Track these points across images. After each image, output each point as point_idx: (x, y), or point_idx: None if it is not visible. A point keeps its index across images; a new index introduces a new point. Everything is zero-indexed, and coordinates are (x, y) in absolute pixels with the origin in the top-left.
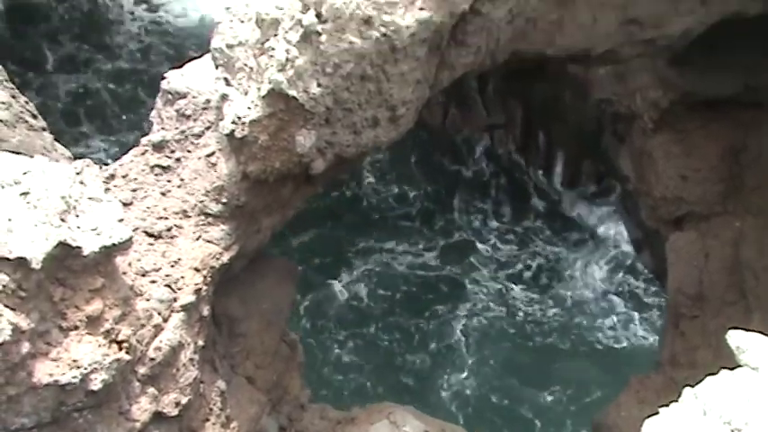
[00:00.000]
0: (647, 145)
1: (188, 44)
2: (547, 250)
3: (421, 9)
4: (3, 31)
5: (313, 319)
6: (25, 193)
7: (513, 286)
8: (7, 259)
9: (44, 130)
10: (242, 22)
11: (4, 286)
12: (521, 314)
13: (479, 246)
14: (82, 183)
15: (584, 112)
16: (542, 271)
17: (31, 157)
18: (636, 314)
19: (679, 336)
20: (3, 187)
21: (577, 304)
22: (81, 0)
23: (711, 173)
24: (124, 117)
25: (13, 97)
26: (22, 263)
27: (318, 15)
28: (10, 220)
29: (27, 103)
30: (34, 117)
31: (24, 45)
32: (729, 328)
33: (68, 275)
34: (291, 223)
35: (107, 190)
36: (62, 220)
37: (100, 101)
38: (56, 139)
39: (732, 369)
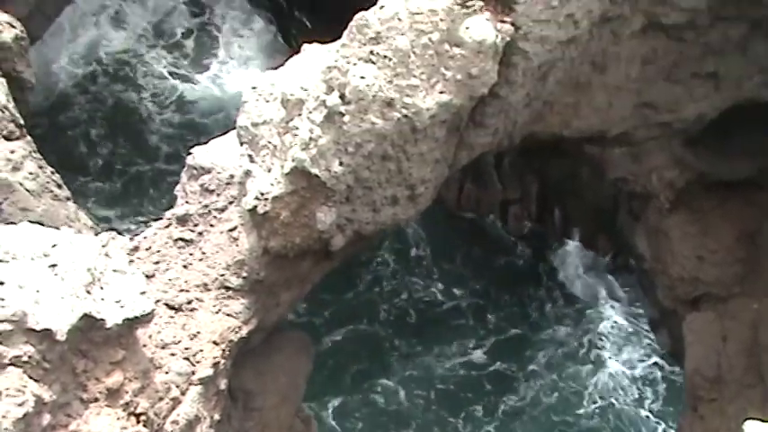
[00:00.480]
0: (662, 224)
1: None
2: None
3: (441, 92)
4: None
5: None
6: (53, 266)
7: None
8: (34, 330)
9: (68, 199)
10: (267, 101)
11: (29, 357)
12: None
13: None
14: (107, 255)
15: (600, 190)
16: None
17: (57, 228)
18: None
19: (698, 419)
20: (33, 259)
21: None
22: (104, 93)
23: (728, 254)
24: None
25: (40, 168)
26: (47, 334)
27: (342, 97)
28: (38, 291)
29: (53, 173)
30: (59, 187)
31: (59, 145)
32: (746, 419)
33: (91, 347)
34: (325, 319)
35: (131, 262)
36: (87, 291)
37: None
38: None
39: None
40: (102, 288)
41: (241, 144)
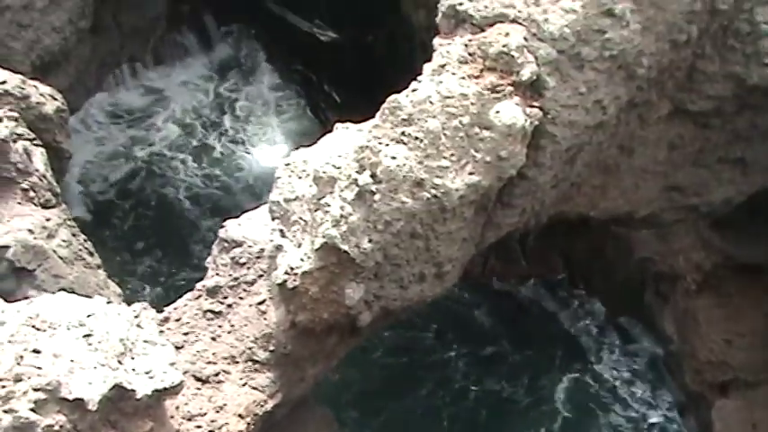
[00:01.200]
0: (690, 306)
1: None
2: None
3: (471, 174)
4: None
5: None
6: (88, 335)
7: None
8: (66, 400)
9: (99, 267)
10: (300, 177)
11: (61, 427)
12: None
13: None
14: (139, 326)
15: (626, 269)
16: None
17: (89, 295)
18: None
19: None
20: (68, 329)
21: None
22: (147, 195)
23: (756, 338)
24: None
25: (74, 235)
26: (79, 404)
27: (373, 176)
28: (72, 361)
29: (86, 240)
30: (90, 255)
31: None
32: None
33: (120, 418)
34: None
35: (161, 332)
36: (119, 362)
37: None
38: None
39: None
40: (133, 358)
41: (273, 219)
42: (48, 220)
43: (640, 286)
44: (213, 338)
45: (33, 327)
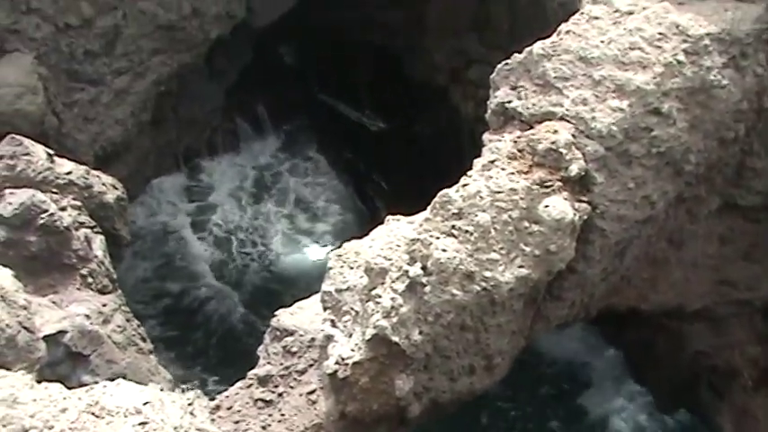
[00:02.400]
0: (748, 404)
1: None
2: None
3: (520, 267)
4: None
5: None
6: (143, 423)
7: None
8: None
9: (150, 353)
10: (351, 268)
11: None
12: None
13: None
14: (192, 414)
15: (678, 363)
16: None
17: (141, 381)
18: None
19: None
20: (125, 416)
21: None
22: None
23: None
24: None
25: (128, 321)
26: None
27: (424, 268)
28: None
29: (139, 326)
30: (143, 340)
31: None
32: None
33: None
34: None
35: (213, 420)
36: None
37: None
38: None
39: None
40: None
41: (324, 309)
42: (104, 305)
43: (694, 381)
44: (263, 427)
45: (93, 414)
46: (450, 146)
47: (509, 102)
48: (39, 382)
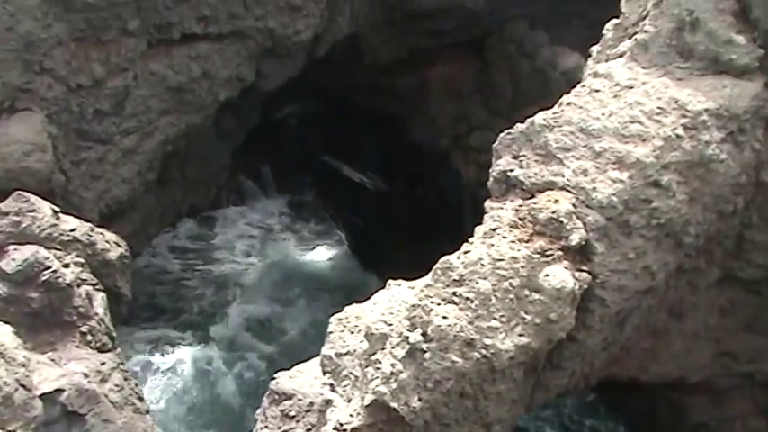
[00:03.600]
0: None
1: None
2: None
3: (520, 335)
4: None
5: None
6: None
7: None
8: None
9: (147, 412)
10: (351, 332)
11: None
12: None
13: None
14: None
15: None
16: None
17: None
18: None
19: None
20: None
21: None
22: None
23: None
24: None
25: (126, 380)
26: None
27: (424, 334)
28: None
29: (136, 385)
30: (140, 400)
31: None
32: None
33: None
34: None
35: None
36: None
37: None
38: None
39: None
40: None
41: (324, 372)
42: (102, 363)
43: None
44: None
45: None
46: (450, 209)
47: (511, 170)
48: None
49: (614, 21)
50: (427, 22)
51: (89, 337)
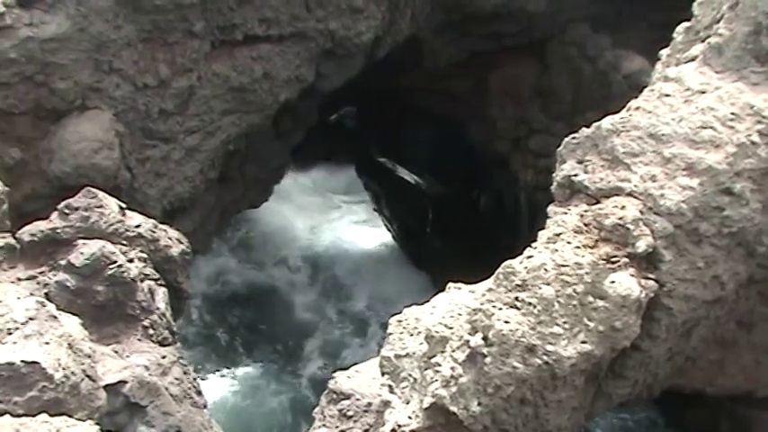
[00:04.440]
0: None
1: None
2: None
3: (583, 342)
4: None
5: None
6: None
7: None
8: None
9: (204, 407)
10: (411, 335)
11: None
12: None
13: None
14: None
15: None
16: None
17: None
18: None
19: None
20: None
21: None
22: None
23: None
24: None
25: (185, 374)
26: None
27: (485, 338)
28: None
29: (195, 380)
30: (198, 394)
31: None
32: None
33: None
34: None
35: None
36: None
37: None
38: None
39: None
40: None
41: (382, 374)
42: (163, 357)
43: None
44: None
45: None
46: (506, 213)
47: (575, 175)
48: None
49: (685, 24)
50: (488, 25)
51: (151, 331)
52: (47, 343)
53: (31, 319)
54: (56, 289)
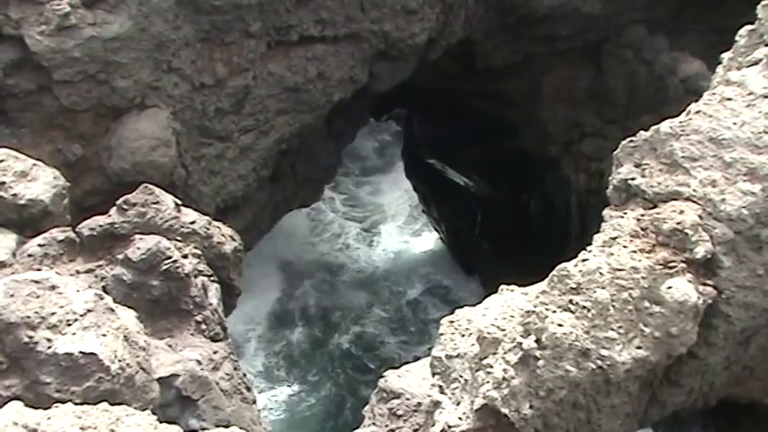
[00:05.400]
0: None
1: None
2: None
3: (638, 348)
4: None
5: None
6: None
7: None
8: None
9: (254, 402)
10: (462, 336)
11: None
12: None
13: None
14: None
15: None
16: None
17: (245, 430)
18: None
19: None
20: None
21: None
22: None
23: None
24: None
25: (235, 369)
26: None
27: (538, 341)
28: None
29: (244, 375)
30: (248, 389)
31: None
32: None
33: None
34: None
35: None
36: None
37: None
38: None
39: None
40: None
41: (433, 374)
42: (215, 352)
43: None
44: None
45: None
46: (557, 216)
47: (632, 179)
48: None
49: (748, 27)
50: (542, 27)
51: (203, 326)
52: (104, 335)
53: (89, 311)
54: (113, 282)
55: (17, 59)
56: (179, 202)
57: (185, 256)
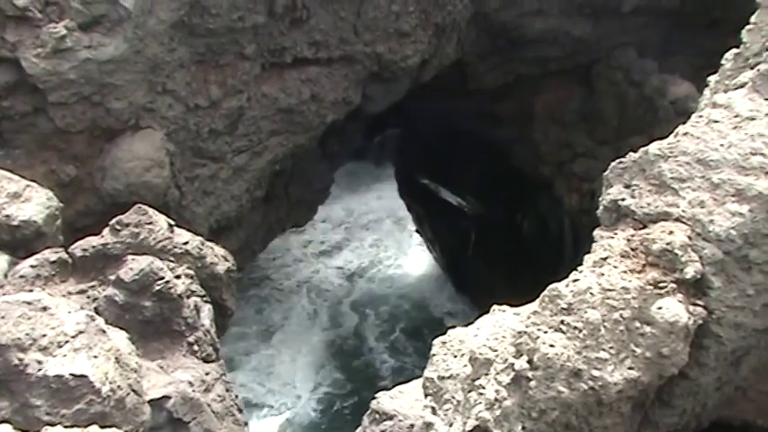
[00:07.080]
0: None
1: None
2: None
3: (630, 368)
4: None
5: None
6: None
7: None
8: None
9: (246, 425)
10: (455, 356)
11: None
12: None
13: None
14: None
15: None
16: None
17: None
18: None
19: None
20: None
21: None
22: None
23: None
24: None
25: (227, 391)
26: None
27: (530, 362)
28: None
29: (236, 397)
30: (240, 411)
31: None
32: None
33: None
34: None
35: None
36: None
37: None
38: None
39: None
40: None
41: (425, 395)
42: (207, 374)
43: None
44: None
45: None
46: (550, 236)
47: (622, 199)
48: None
49: (734, 50)
50: (533, 50)
51: (195, 348)
52: (95, 356)
53: (80, 332)
54: (105, 303)
55: (13, 82)
56: (172, 222)
57: (178, 277)
